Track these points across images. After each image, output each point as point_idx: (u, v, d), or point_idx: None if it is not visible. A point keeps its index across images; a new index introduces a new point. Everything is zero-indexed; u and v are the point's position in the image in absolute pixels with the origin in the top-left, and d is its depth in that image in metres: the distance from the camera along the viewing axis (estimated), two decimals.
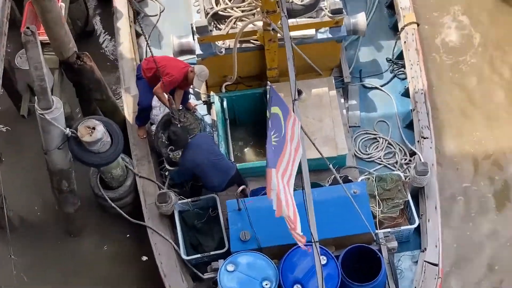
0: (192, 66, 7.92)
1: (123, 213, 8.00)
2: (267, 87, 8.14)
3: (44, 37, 7.93)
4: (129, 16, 9.16)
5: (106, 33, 10.26)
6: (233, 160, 8.12)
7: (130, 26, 9.10)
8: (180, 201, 7.74)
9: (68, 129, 7.14)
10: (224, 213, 7.50)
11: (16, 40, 8.52)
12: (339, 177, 6.63)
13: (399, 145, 8.39)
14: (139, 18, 9.44)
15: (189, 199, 7.72)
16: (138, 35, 9.32)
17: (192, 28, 8.01)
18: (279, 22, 7.22)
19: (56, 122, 6.99)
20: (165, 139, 7.88)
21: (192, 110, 8.48)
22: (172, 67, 7.76)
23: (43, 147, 7.44)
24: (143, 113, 8.18)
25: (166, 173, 8.10)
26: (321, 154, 5.94)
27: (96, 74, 8.17)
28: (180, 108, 8.13)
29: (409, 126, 8.44)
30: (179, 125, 7.68)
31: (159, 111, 8.50)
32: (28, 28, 6.52)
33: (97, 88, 8.35)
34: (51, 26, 7.49)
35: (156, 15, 9.56)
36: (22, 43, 6.59)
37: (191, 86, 7.98)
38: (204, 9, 8.01)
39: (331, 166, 5.95)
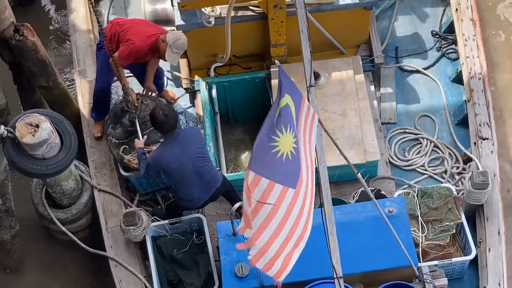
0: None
1: (76, 239, 7.99)
2: (273, 68, 8.17)
3: None
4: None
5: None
6: (224, 168, 8.11)
7: None
8: (154, 224, 7.73)
9: (2, 127, 7.11)
10: (214, 239, 7.51)
11: None
12: (370, 191, 6.61)
13: (449, 148, 8.41)
14: None
15: (167, 221, 7.72)
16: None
17: None
18: None
19: None
20: (115, 135, 7.93)
21: (170, 102, 8.47)
22: (136, 32, 7.70)
23: None
24: (101, 99, 8.16)
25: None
26: (346, 159, 5.92)
27: (40, 53, 8.16)
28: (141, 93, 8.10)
29: (463, 123, 8.48)
30: (135, 115, 7.75)
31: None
32: None
33: (41, 71, 8.35)
34: None
35: None
36: None
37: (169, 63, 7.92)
38: None
39: (359, 175, 5.93)
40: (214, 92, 8.44)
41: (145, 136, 7.79)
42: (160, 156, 7.27)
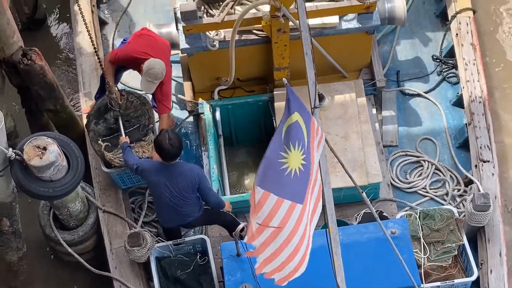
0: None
1: (82, 261, 7.94)
2: (276, 91, 8.16)
3: None
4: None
5: (61, 22, 10.26)
6: (228, 189, 8.06)
7: (92, 11, 9.12)
8: (158, 244, 7.70)
9: (10, 149, 7.09)
10: (218, 261, 7.47)
11: None
12: (374, 210, 6.55)
13: (450, 170, 8.39)
14: (104, 1, 9.44)
15: (171, 242, 7.68)
16: (102, 23, 9.32)
17: (175, 14, 8.02)
18: (292, 6, 7.20)
19: None
20: (97, 131, 7.86)
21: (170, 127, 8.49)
22: (137, 41, 7.82)
23: None
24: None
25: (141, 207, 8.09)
26: (351, 178, 5.87)
27: (48, 77, 8.15)
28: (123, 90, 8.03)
29: (464, 145, 8.46)
30: (117, 112, 7.70)
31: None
32: None
33: (49, 95, 8.33)
34: None
35: None
36: None
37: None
38: None
39: (364, 195, 5.88)
40: (218, 114, 8.42)
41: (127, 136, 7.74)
42: (148, 170, 7.22)
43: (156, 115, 8.02)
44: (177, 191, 7.16)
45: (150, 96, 8.14)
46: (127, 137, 7.68)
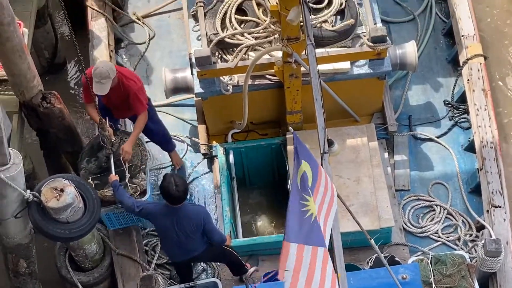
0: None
1: None
2: (289, 134, 8.13)
3: (1, 72, 8.00)
4: (109, 44, 9.26)
5: (80, 66, 10.32)
6: (240, 232, 8.01)
7: (111, 56, 9.19)
8: (170, 287, 7.65)
9: (28, 191, 7.10)
10: None
11: None
12: (383, 257, 6.48)
13: (462, 215, 8.33)
14: (122, 46, 9.50)
15: (183, 285, 7.62)
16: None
17: (190, 59, 8.07)
18: (304, 52, 7.20)
19: (13, 182, 6.95)
20: (88, 169, 7.80)
21: (176, 167, 8.45)
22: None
23: None
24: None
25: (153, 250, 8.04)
26: (359, 225, 5.81)
27: (66, 120, 8.18)
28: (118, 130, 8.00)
29: (476, 190, 8.41)
30: (109, 150, 7.63)
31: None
32: None
33: (67, 137, 8.35)
34: (10, 58, 7.52)
35: (144, 43, 9.70)
36: None
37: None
38: (207, 35, 8.06)
39: (372, 241, 5.82)
40: (231, 157, 8.40)
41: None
42: (153, 214, 7.21)
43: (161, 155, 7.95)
44: (183, 231, 7.15)
45: (146, 138, 8.20)
46: (116, 175, 7.61)
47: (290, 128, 5.73)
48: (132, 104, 7.82)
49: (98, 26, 9.41)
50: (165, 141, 8.56)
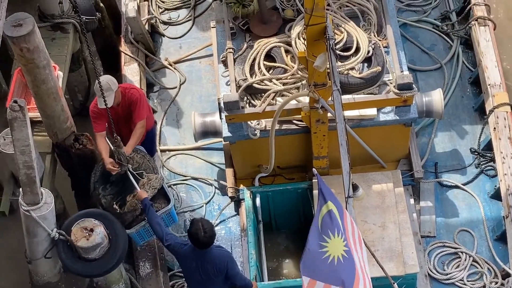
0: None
1: None
2: (315, 179, 8.09)
3: (35, 114, 8.09)
4: (141, 88, 9.32)
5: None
6: (266, 275, 7.93)
7: None
8: None
9: (55, 229, 7.14)
10: None
11: (0, 117, 8.69)
12: None
13: (487, 263, 8.22)
14: (154, 91, 9.58)
15: None
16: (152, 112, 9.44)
17: (219, 104, 8.10)
18: (330, 98, 7.20)
19: (44, 221, 7.00)
20: (106, 195, 7.70)
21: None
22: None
23: (27, 254, 7.42)
24: None
25: None
26: (384, 270, 5.73)
27: (97, 161, 8.21)
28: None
29: (501, 238, 8.31)
30: (127, 168, 7.54)
31: None
32: (15, 102, 6.65)
33: None
34: (44, 100, 7.63)
35: (175, 88, 9.76)
36: (7, 120, 6.70)
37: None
38: (236, 81, 8.10)
39: (396, 285, 5.75)
40: (258, 201, 8.37)
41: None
42: (180, 254, 7.17)
43: None
44: (206, 274, 7.10)
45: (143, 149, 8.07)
46: (143, 190, 7.55)
47: (313, 169, 5.70)
48: (133, 110, 7.89)
49: (131, 70, 9.53)
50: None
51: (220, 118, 8.23)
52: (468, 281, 8.12)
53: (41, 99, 7.62)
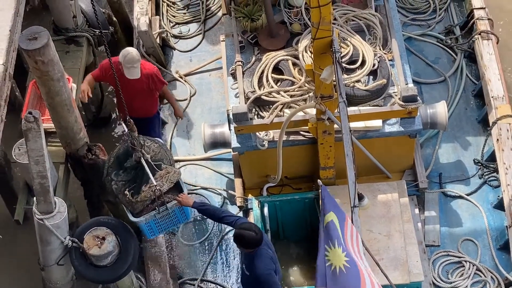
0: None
1: None
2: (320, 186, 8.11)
3: (49, 125, 8.11)
4: None
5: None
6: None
7: None
8: None
9: (68, 237, 7.15)
10: None
11: (15, 127, 8.73)
12: None
13: (491, 272, 8.19)
14: (165, 103, 9.62)
15: None
16: (162, 123, 9.47)
17: (228, 115, 8.12)
18: (337, 110, 7.21)
19: (57, 229, 7.01)
20: (119, 181, 7.38)
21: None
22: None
23: (40, 261, 7.42)
24: None
25: None
26: (387, 278, 5.72)
27: None
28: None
29: (505, 247, 8.26)
30: (139, 155, 7.18)
31: None
32: (30, 113, 6.67)
33: None
34: (58, 112, 7.64)
35: (185, 100, 9.78)
36: (22, 131, 6.72)
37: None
38: (244, 93, 8.12)
39: None
40: (266, 210, 8.34)
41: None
42: (271, 262, 7.15)
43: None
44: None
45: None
46: (188, 196, 7.41)
47: (318, 180, 5.70)
48: (155, 80, 8.35)
49: None
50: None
51: (229, 129, 8.25)
52: None
53: (55, 110, 7.64)
